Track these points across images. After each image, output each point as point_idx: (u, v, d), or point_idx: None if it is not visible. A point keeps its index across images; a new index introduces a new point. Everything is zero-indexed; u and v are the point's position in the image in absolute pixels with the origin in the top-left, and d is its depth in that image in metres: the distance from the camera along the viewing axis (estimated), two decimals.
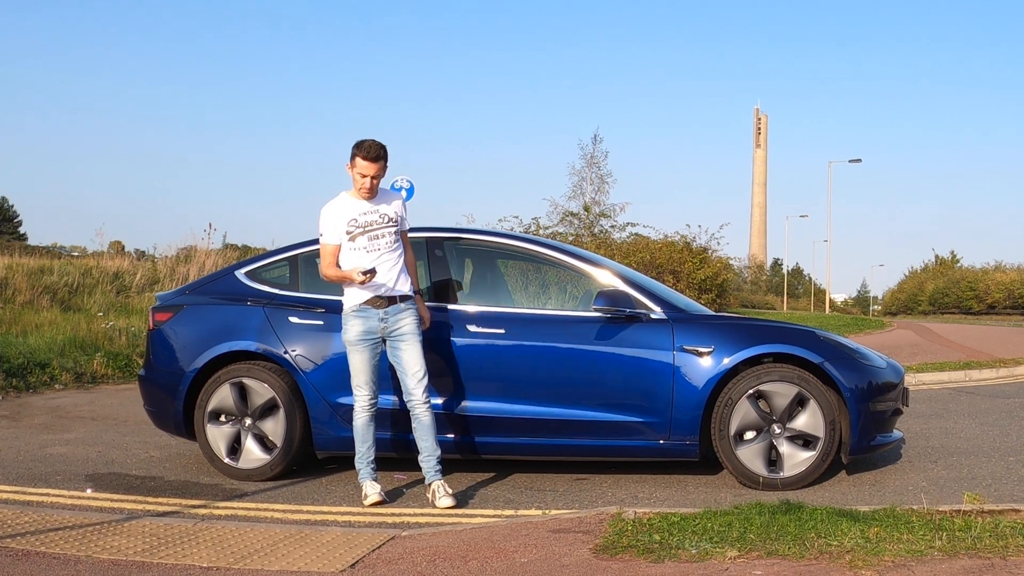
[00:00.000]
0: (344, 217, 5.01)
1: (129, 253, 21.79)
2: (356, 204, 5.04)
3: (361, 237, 5.00)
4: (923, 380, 10.82)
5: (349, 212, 5.02)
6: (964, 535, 3.69)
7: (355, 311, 5.00)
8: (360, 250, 5.00)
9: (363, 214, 5.02)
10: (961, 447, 6.40)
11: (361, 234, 5.00)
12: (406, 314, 5.01)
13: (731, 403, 5.17)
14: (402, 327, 5.00)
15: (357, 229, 4.99)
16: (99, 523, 4.32)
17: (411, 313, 5.02)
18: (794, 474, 5.15)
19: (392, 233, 5.05)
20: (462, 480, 5.52)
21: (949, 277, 59.20)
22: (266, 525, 4.37)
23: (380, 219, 5.01)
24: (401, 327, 5.00)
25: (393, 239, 5.05)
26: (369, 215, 5.02)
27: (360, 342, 4.98)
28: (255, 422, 5.53)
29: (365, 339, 4.98)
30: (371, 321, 4.97)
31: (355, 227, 4.99)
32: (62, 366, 10.70)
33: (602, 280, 5.62)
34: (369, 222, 5.00)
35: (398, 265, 5.04)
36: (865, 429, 5.22)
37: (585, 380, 5.30)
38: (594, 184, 25.05)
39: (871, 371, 5.34)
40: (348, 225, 4.99)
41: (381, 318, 4.98)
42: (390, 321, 4.99)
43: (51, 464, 6.05)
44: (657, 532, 3.86)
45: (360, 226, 4.99)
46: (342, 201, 5.07)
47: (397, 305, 5.00)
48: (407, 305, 5.03)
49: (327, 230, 5.01)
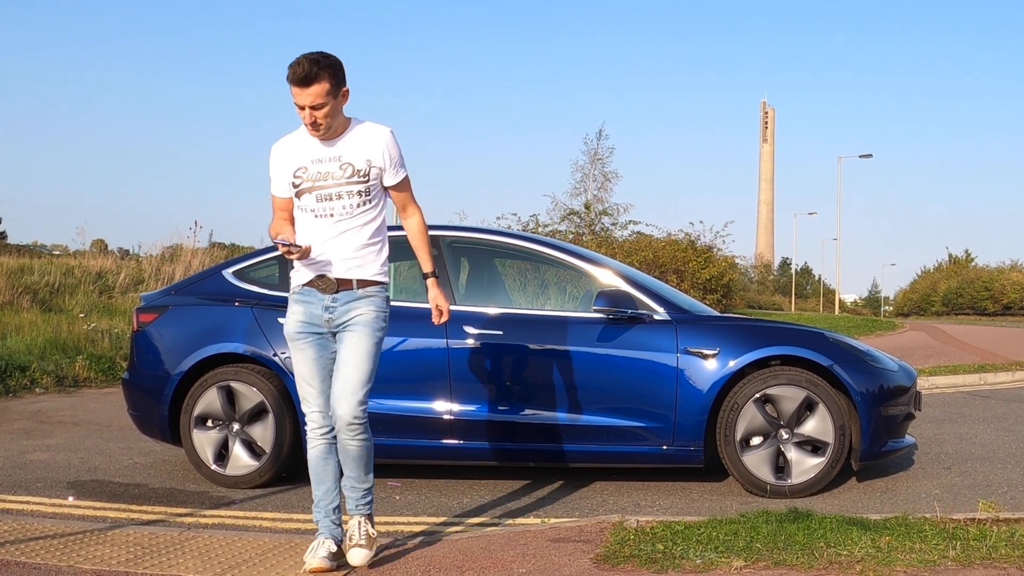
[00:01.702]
0: (291, 163, 3.77)
1: (112, 252, 21.73)
2: (310, 146, 3.76)
3: (307, 196, 3.73)
4: (936, 383, 10.83)
5: (298, 156, 3.77)
6: (979, 544, 3.69)
7: (296, 293, 3.84)
8: (305, 213, 3.76)
9: (316, 161, 3.74)
10: (976, 453, 6.41)
11: (308, 191, 3.72)
12: (362, 304, 3.77)
13: (737, 407, 5.17)
14: (352, 318, 3.76)
15: (304, 183, 3.73)
16: (81, 532, 4.31)
17: (370, 304, 3.79)
18: (802, 481, 5.16)
19: (358, 194, 3.72)
20: (458, 487, 5.53)
21: (963, 277, 59.30)
22: (255, 534, 4.37)
23: (340, 171, 3.71)
24: (351, 318, 3.76)
25: (359, 202, 3.73)
26: (325, 164, 3.73)
27: (301, 336, 3.80)
28: (243, 427, 5.52)
29: (306, 332, 3.80)
30: (313, 308, 3.79)
31: (302, 180, 3.74)
32: (43, 369, 10.69)
33: (603, 280, 5.62)
34: (322, 174, 3.72)
35: (362, 240, 3.78)
36: (876, 434, 5.22)
37: (585, 384, 5.30)
38: (597, 181, 25.08)
39: (882, 374, 5.35)
40: (294, 176, 3.75)
41: (327, 306, 3.77)
42: (338, 311, 3.77)
43: (32, 471, 6.04)
44: (660, 541, 3.86)
45: (310, 179, 3.73)
46: (296, 139, 3.81)
47: (352, 292, 3.78)
48: (368, 293, 3.79)
49: (272, 176, 3.85)
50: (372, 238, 3.81)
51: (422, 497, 5.29)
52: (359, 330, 3.76)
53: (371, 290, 3.81)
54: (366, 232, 3.79)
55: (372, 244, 3.81)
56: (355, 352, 3.73)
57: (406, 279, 8.51)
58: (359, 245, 3.77)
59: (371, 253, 3.81)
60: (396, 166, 3.81)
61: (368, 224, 3.79)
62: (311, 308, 3.80)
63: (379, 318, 3.81)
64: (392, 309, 5.83)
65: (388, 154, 3.78)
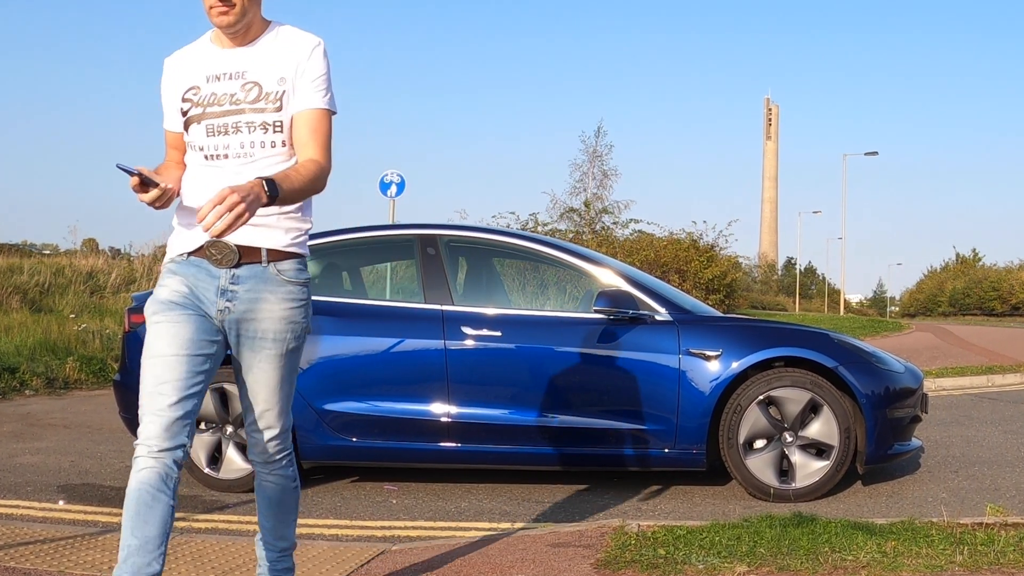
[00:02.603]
0: (182, 81, 2.83)
1: (103, 251, 21.75)
2: (208, 58, 2.81)
3: (196, 128, 2.78)
4: (943, 385, 10.84)
5: (192, 72, 2.81)
6: (987, 549, 3.70)
7: (176, 263, 2.81)
8: (195, 152, 2.81)
9: (212, 79, 2.78)
10: (983, 456, 6.41)
11: (197, 120, 2.77)
12: (273, 296, 2.78)
13: (740, 410, 5.17)
14: (257, 326, 2.79)
15: (193, 109, 2.78)
16: (72, 537, 4.31)
17: (285, 297, 2.81)
18: (807, 485, 5.16)
19: (263, 128, 2.74)
20: (456, 491, 5.53)
21: (971, 276, 59.36)
22: (249, 539, 4.36)
23: (243, 93, 2.74)
24: (256, 327, 2.79)
25: (264, 140, 2.75)
26: (223, 83, 2.76)
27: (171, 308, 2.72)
28: (237, 430, 5.52)
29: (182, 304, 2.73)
30: (203, 287, 2.76)
31: (191, 104, 2.79)
32: (32, 371, 10.69)
33: (604, 280, 5.62)
34: (216, 97, 2.75)
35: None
36: (882, 437, 5.22)
37: (585, 385, 5.30)
38: (596, 179, 25.10)
39: (888, 376, 5.35)
40: (183, 100, 2.81)
41: (224, 289, 2.75)
42: (239, 300, 2.76)
43: (21, 474, 6.04)
44: (662, 546, 3.86)
45: (201, 104, 2.77)
46: (193, 50, 2.87)
47: (259, 268, 2.76)
48: (284, 273, 2.80)
49: (163, 102, 2.91)
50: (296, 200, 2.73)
51: (419, 501, 5.29)
52: (269, 352, 2.82)
53: (286, 268, 2.80)
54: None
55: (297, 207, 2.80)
56: (267, 383, 2.86)
57: (403, 279, 8.51)
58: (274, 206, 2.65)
59: (286, 217, 2.78)
60: (318, 88, 2.76)
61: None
62: (196, 286, 2.76)
63: (296, 322, 2.84)
64: (389, 310, 5.90)
65: (310, 72, 2.76)
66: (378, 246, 6.39)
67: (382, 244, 6.36)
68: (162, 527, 2.59)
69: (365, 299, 5.95)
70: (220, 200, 2.39)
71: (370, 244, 6.21)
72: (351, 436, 5.39)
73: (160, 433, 2.59)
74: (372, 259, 7.24)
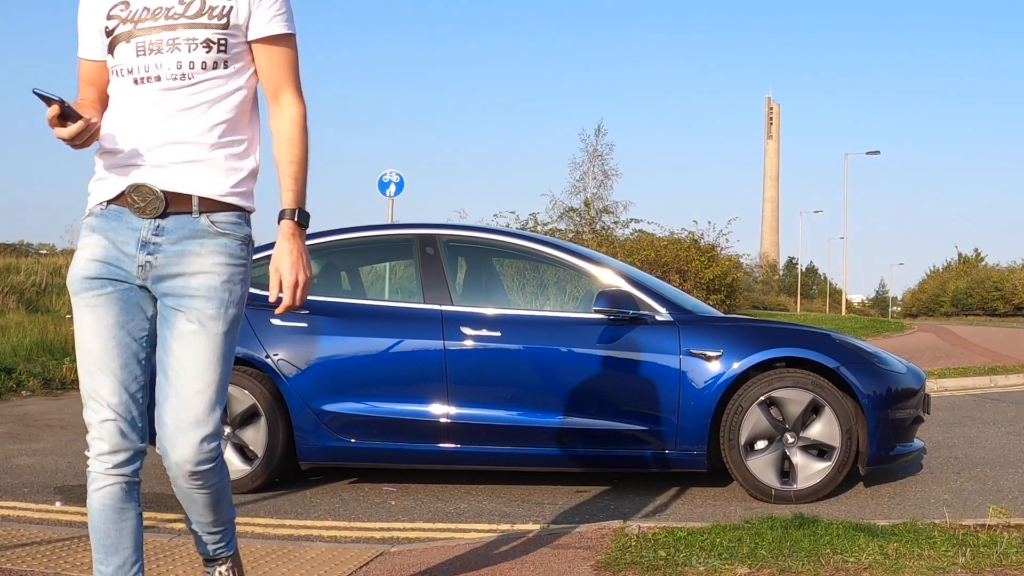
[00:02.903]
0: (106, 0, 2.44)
1: None
2: None
3: (124, 48, 2.39)
4: (945, 386, 10.84)
5: None
6: (989, 551, 3.70)
7: (94, 216, 2.45)
8: (122, 78, 2.41)
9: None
10: (986, 457, 6.41)
11: (126, 39, 2.39)
12: (206, 249, 2.40)
13: (741, 410, 5.17)
14: (188, 284, 2.40)
15: (122, 24, 2.40)
16: (69, 538, 4.31)
17: (220, 253, 2.42)
18: (808, 486, 5.16)
19: (206, 46, 2.37)
20: (455, 492, 5.53)
21: (973, 276, 59.33)
22: (246, 540, 4.36)
23: (180, 5, 2.38)
24: (187, 284, 2.40)
25: (207, 60, 2.38)
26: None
27: (91, 285, 2.41)
28: (235, 431, 5.52)
29: (101, 279, 2.41)
30: (121, 242, 2.40)
31: (120, 19, 2.41)
32: (29, 371, 10.69)
33: (604, 280, 5.62)
34: (149, 11, 2.39)
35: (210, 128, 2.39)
36: (884, 438, 5.22)
37: (585, 386, 5.30)
38: (597, 179, 25.11)
39: (890, 376, 5.35)
40: (108, 18, 2.42)
41: (145, 241, 2.39)
42: (163, 254, 2.39)
43: (18, 475, 6.04)
44: (663, 548, 3.86)
45: (130, 20, 2.40)
46: None
47: (189, 219, 2.40)
48: (219, 226, 2.42)
49: (79, 30, 2.52)
50: (229, 130, 2.42)
51: (418, 502, 5.29)
52: (201, 314, 2.38)
53: (222, 220, 2.42)
54: (218, 113, 2.39)
55: (229, 139, 2.42)
56: (197, 356, 2.38)
57: (402, 279, 8.52)
58: (206, 135, 2.38)
59: (226, 154, 2.41)
60: (279, 9, 2.45)
61: (224, 101, 2.40)
62: (116, 241, 2.40)
63: (233, 283, 2.43)
64: (388, 310, 5.90)
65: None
66: (377, 246, 6.40)
67: (381, 244, 6.37)
68: (134, 543, 2.45)
69: (364, 299, 5.95)
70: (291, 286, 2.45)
71: (369, 244, 6.21)
72: (350, 437, 5.39)
73: (112, 448, 2.38)
74: (371, 259, 7.25)
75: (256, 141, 2.53)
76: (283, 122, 2.50)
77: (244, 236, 2.48)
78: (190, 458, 2.43)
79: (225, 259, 2.43)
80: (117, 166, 2.41)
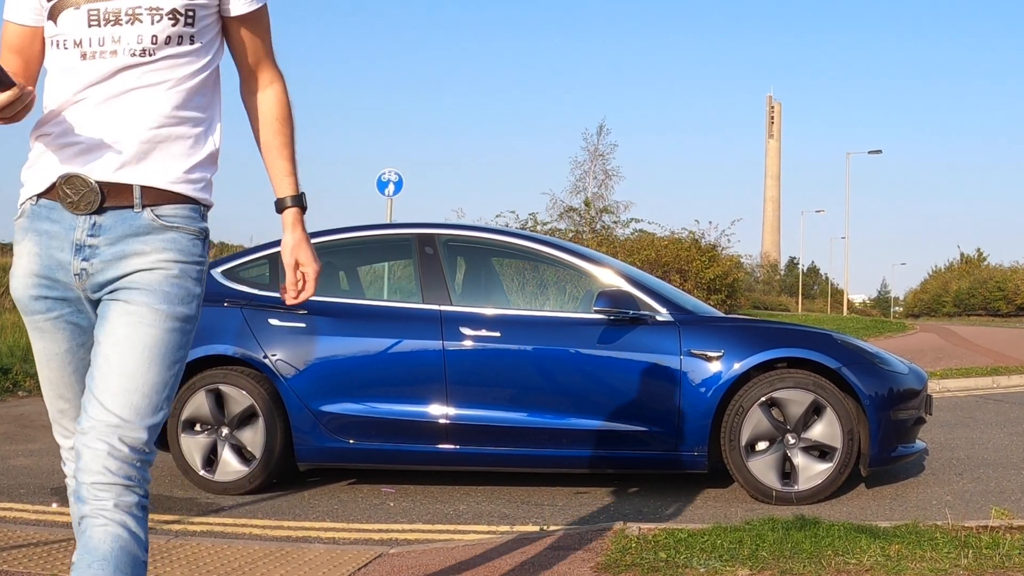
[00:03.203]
0: None
1: None
2: None
3: (71, 16, 2.06)
4: (948, 387, 10.84)
5: None
6: (992, 553, 3.69)
7: (26, 218, 2.12)
8: (64, 52, 2.07)
9: None
10: (988, 458, 6.41)
11: (75, 4, 2.06)
12: (150, 246, 2.06)
13: (742, 411, 5.18)
14: (134, 277, 2.05)
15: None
16: (65, 540, 4.31)
17: (167, 246, 2.08)
18: (809, 487, 5.16)
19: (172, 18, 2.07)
20: (454, 494, 5.53)
21: (975, 276, 59.34)
22: (244, 542, 4.36)
23: None
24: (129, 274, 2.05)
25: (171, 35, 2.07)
26: None
27: (39, 304, 2.12)
28: (232, 431, 5.52)
29: (47, 297, 2.11)
30: (55, 247, 2.09)
31: None
32: (26, 371, 10.68)
33: (604, 280, 5.62)
34: None
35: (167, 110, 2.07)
36: (886, 439, 5.22)
37: (586, 387, 5.30)
38: (597, 178, 25.12)
39: (892, 377, 5.35)
40: None
41: (80, 244, 2.06)
42: (101, 257, 2.06)
43: (14, 476, 6.04)
44: (663, 549, 3.86)
45: None
46: None
47: (131, 215, 2.06)
48: (167, 219, 2.08)
49: None
50: (188, 111, 2.10)
51: (417, 504, 5.29)
52: (140, 304, 2.02)
53: (170, 214, 2.08)
54: (176, 95, 2.08)
55: (186, 121, 2.10)
56: (133, 346, 2.00)
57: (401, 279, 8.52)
58: (160, 118, 2.06)
59: (182, 139, 2.09)
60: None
61: (185, 82, 2.09)
62: (50, 247, 2.08)
63: (185, 279, 2.08)
64: (387, 310, 5.90)
65: None
66: (375, 246, 6.40)
67: (379, 244, 6.37)
68: None
69: (362, 299, 5.96)
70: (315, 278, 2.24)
71: (367, 244, 6.22)
72: (348, 438, 5.39)
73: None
74: (369, 259, 7.25)
75: (217, 119, 2.20)
76: (270, 101, 2.25)
77: (198, 230, 2.13)
78: (94, 467, 1.94)
79: (173, 255, 2.07)
80: (50, 152, 2.09)
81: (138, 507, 1.98)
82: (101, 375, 2.00)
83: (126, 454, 1.96)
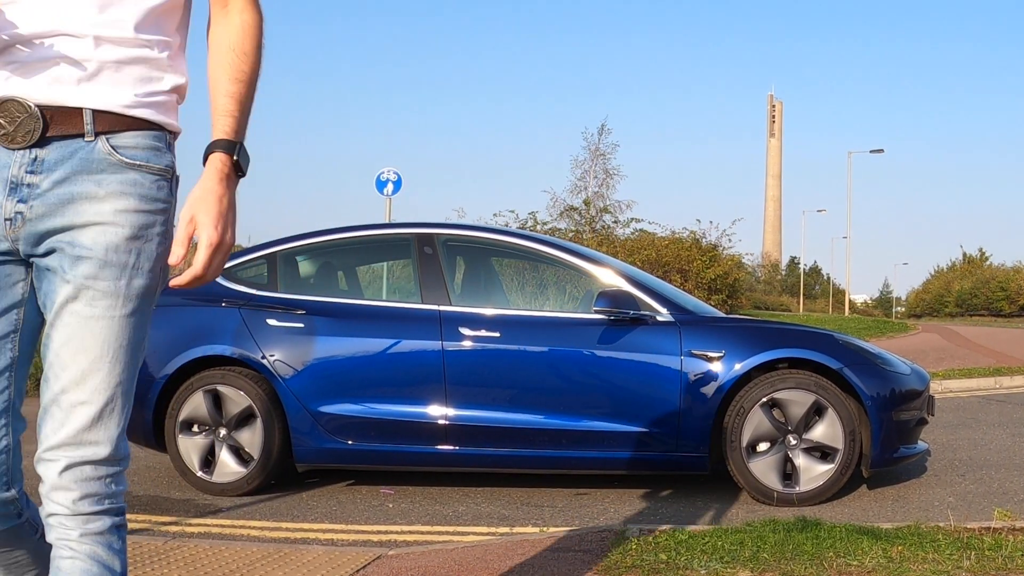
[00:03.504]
0: None
1: None
2: None
3: None
4: (950, 387, 10.84)
5: None
6: (994, 554, 3.69)
7: None
8: None
9: None
10: (991, 459, 6.41)
11: None
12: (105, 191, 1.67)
13: (743, 412, 5.17)
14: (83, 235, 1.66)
15: None
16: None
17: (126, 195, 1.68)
18: (811, 488, 5.15)
19: None
20: (453, 495, 5.52)
21: (978, 276, 59.30)
22: (242, 543, 4.36)
23: None
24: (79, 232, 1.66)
25: None
26: None
27: None
28: (230, 432, 5.52)
29: None
30: None
31: None
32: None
33: (604, 280, 5.62)
34: None
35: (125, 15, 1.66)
36: (887, 440, 5.22)
37: (586, 387, 5.30)
38: (598, 178, 25.11)
39: (894, 378, 5.35)
40: None
41: (15, 184, 1.65)
42: (44, 198, 1.66)
43: None
44: (664, 551, 3.86)
45: None
46: None
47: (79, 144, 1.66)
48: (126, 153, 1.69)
49: None
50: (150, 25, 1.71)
51: (416, 505, 5.29)
52: (91, 289, 1.67)
53: (128, 145, 1.71)
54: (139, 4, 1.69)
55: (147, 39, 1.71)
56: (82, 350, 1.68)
57: (400, 279, 8.53)
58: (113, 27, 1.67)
59: (139, 56, 1.71)
60: None
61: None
62: None
63: (145, 240, 1.71)
64: (386, 310, 5.90)
65: None
66: (374, 245, 6.41)
67: (378, 243, 6.37)
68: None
69: (361, 299, 5.96)
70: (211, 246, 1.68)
71: (366, 243, 6.22)
72: (347, 439, 5.39)
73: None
74: (368, 259, 7.25)
75: (183, 53, 1.81)
76: (231, 29, 1.78)
77: (163, 168, 1.74)
78: (55, 497, 1.69)
79: (133, 202, 1.68)
80: None
81: (111, 531, 1.71)
82: (51, 382, 1.69)
83: (88, 474, 1.69)
